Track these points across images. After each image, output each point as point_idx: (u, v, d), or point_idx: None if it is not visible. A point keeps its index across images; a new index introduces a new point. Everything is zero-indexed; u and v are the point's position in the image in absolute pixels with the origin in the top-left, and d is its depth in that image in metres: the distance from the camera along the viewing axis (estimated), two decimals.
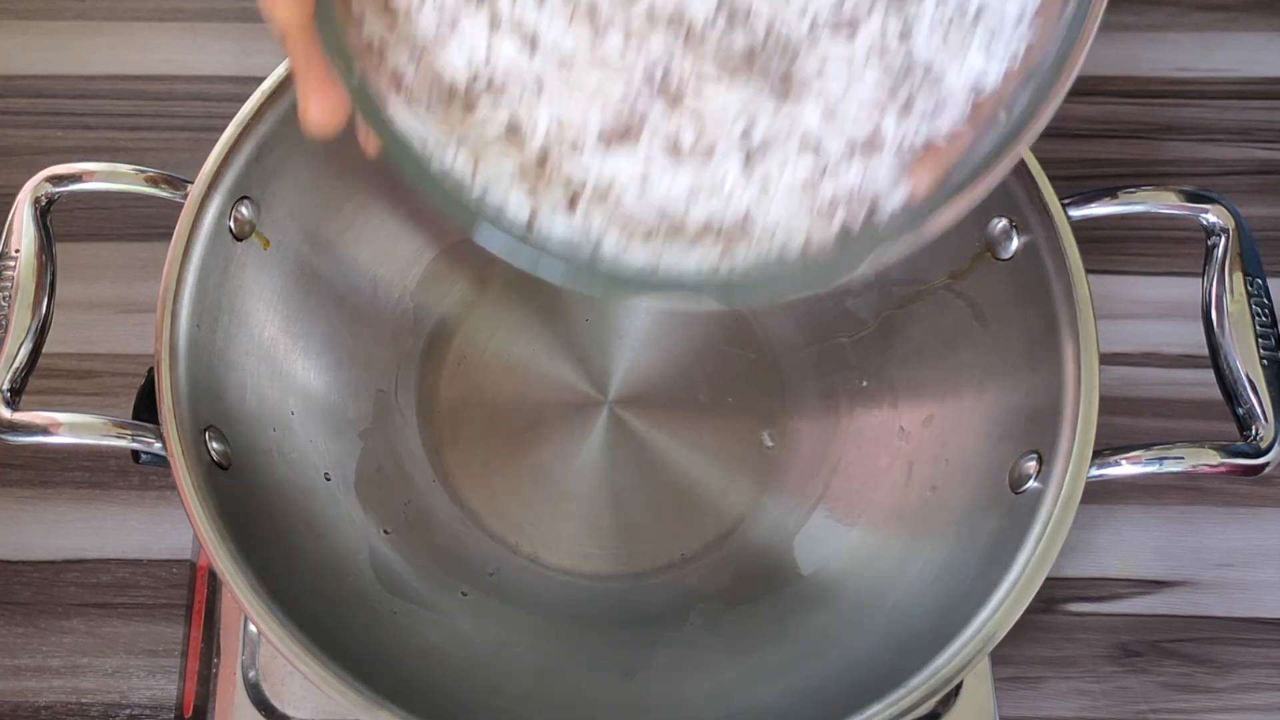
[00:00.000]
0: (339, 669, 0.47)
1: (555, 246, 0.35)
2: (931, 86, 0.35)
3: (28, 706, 0.60)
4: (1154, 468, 0.50)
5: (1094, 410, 0.50)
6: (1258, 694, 0.62)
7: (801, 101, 0.34)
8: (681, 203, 0.35)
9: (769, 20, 0.34)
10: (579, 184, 0.35)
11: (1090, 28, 0.36)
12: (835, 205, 0.35)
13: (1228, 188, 0.74)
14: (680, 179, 0.35)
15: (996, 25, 0.36)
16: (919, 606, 0.53)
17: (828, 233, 0.36)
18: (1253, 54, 0.78)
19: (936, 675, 0.48)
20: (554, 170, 0.35)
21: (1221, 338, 0.51)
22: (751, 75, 0.34)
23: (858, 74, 0.34)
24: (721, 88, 0.34)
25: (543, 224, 0.35)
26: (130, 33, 0.76)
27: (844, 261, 0.35)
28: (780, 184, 0.35)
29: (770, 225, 0.35)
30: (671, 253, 0.35)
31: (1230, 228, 0.53)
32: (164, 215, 0.53)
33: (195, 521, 0.48)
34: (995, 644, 0.48)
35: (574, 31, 0.33)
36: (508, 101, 0.35)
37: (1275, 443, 0.50)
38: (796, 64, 0.34)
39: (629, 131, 0.34)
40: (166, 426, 0.50)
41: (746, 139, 0.34)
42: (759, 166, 0.35)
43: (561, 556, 0.60)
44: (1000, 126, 0.36)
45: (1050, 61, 0.36)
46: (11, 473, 0.65)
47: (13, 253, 0.51)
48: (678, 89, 0.34)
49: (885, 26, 0.34)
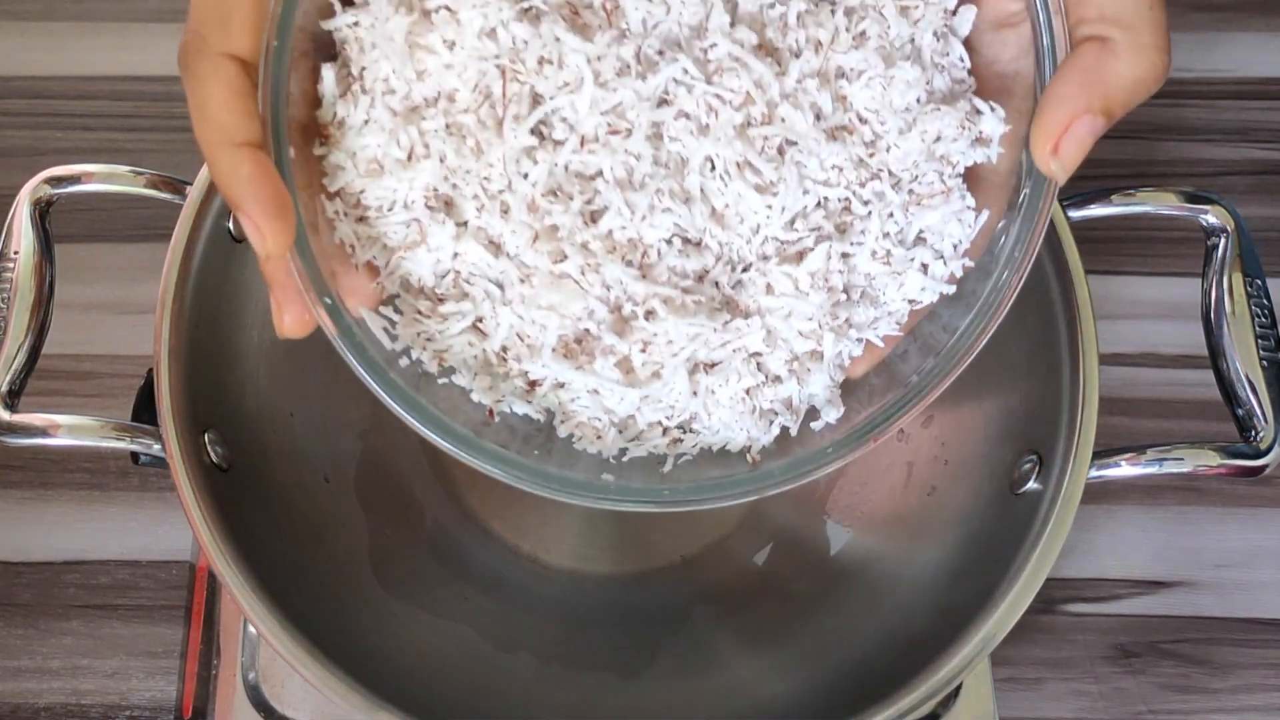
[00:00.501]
0: (339, 671, 0.47)
1: (516, 421, 0.40)
2: (870, 304, 0.39)
3: (27, 708, 0.60)
4: (1154, 469, 0.50)
5: (1094, 411, 0.50)
6: (1256, 694, 0.62)
7: (747, 323, 0.38)
8: (632, 410, 0.39)
9: (719, 249, 0.37)
10: (537, 379, 0.39)
11: (1022, 273, 0.38)
12: (774, 412, 0.40)
13: (1225, 188, 0.74)
14: (630, 395, 0.38)
15: (935, 251, 0.39)
16: (919, 608, 0.53)
17: (768, 435, 0.40)
18: (1250, 54, 0.78)
19: (936, 677, 0.48)
20: (513, 366, 0.38)
21: (1221, 339, 0.52)
22: (701, 303, 0.37)
23: (801, 298, 0.38)
24: (672, 317, 0.37)
25: (504, 408, 0.40)
26: (130, 33, 0.76)
27: (790, 474, 0.39)
28: (723, 395, 0.39)
29: (714, 426, 0.39)
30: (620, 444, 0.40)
31: (1230, 228, 0.53)
32: (163, 216, 0.53)
33: (194, 523, 0.48)
34: (995, 645, 0.48)
35: (537, 248, 0.36)
36: (472, 303, 0.38)
37: (1275, 444, 0.50)
38: (742, 288, 0.38)
39: (583, 348, 0.38)
40: (166, 428, 0.49)
41: (693, 361, 0.38)
42: (703, 382, 0.38)
43: (562, 557, 0.60)
44: (938, 345, 0.40)
45: (984, 295, 0.39)
46: (11, 474, 0.65)
47: (11, 254, 0.51)
48: (630, 313, 0.37)
49: (830, 252, 0.37)
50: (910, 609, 0.54)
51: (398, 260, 0.38)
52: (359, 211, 0.38)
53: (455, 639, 0.56)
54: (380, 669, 0.51)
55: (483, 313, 0.38)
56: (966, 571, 0.52)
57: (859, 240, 0.38)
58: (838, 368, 0.40)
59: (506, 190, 0.36)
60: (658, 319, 0.37)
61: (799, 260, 0.37)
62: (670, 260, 0.37)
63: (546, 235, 0.36)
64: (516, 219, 0.36)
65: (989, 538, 0.52)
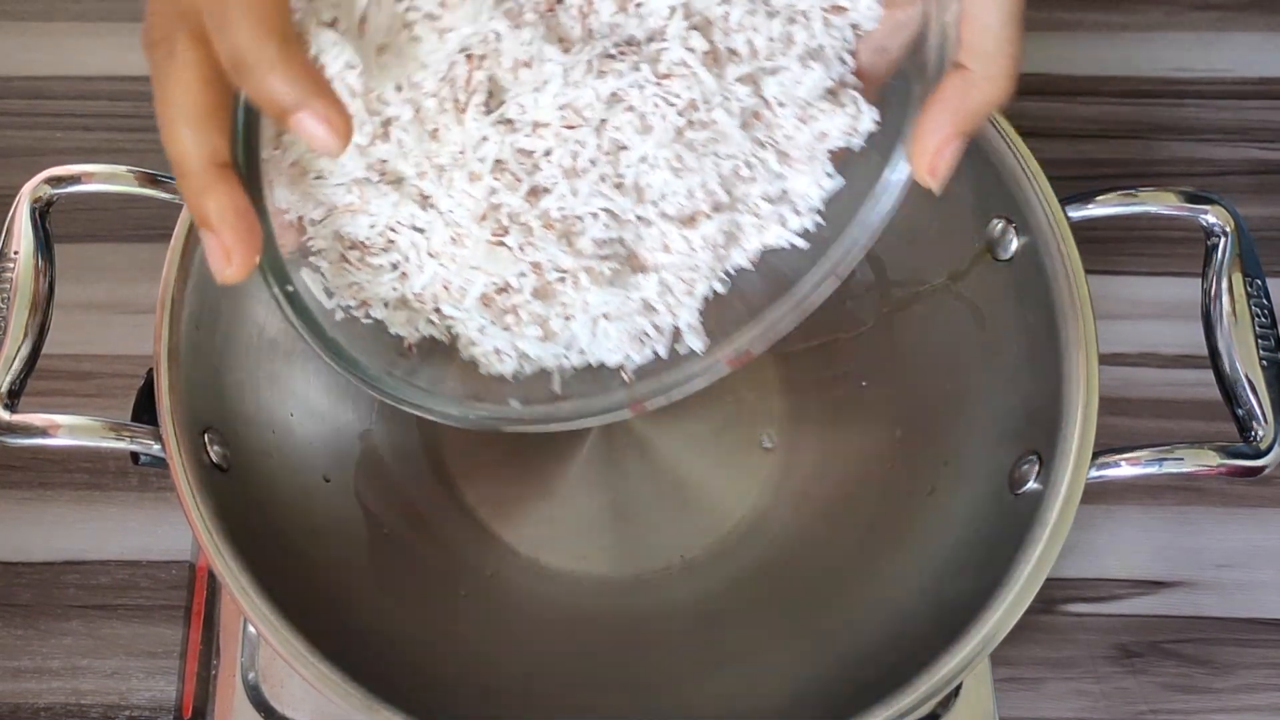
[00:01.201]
0: (338, 670, 0.47)
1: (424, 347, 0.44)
2: (739, 250, 0.44)
3: (27, 708, 0.60)
4: (1154, 469, 0.50)
5: (1094, 412, 0.50)
6: (1257, 694, 0.62)
7: (645, 278, 0.43)
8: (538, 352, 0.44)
9: (635, 220, 0.42)
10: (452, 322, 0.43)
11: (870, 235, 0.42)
12: (647, 335, 0.45)
13: (1225, 188, 0.74)
14: (544, 347, 0.43)
15: (793, 207, 0.44)
16: (918, 608, 0.53)
17: (641, 355, 0.45)
18: (1250, 54, 0.78)
19: (936, 677, 0.48)
20: (429, 306, 0.43)
21: (1221, 339, 0.52)
22: (618, 271, 0.42)
23: (692, 256, 0.43)
24: (594, 287, 0.41)
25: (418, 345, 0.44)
26: (130, 33, 0.75)
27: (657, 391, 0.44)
28: (613, 330, 0.44)
29: (597, 350, 0.44)
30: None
31: (1230, 229, 0.53)
32: (162, 216, 0.53)
33: (194, 523, 0.48)
34: (995, 645, 0.48)
35: (483, 224, 0.40)
36: (399, 253, 0.41)
37: (1275, 444, 0.50)
38: (640, 242, 0.43)
39: (500, 301, 0.42)
40: (165, 428, 0.49)
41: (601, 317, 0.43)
42: (603, 326, 0.43)
43: (561, 557, 0.60)
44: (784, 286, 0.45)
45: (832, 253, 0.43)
46: (11, 474, 0.65)
47: (11, 254, 0.51)
48: (554, 279, 0.42)
49: (723, 224, 0.43)
50: (910, 609, 0.53)
51: (335, 219, 0.40)
52: (299, 170, 0.40)
53: (454, 639, 0.55)
54: (379, 669, 0.51)
55: (408, 260, 0.41)
56: (966, 572, 0.52)
57: (743, 202, 0.43)
58: (704, 299, 0.45)
59: (452, 166, 0.39)
60: (581, 288, 0.41)
61: (693, 224, 0.42)
62: (594, 233, 0.41)
63: (491, 211, 0.40)
64: (459, 189, 0.39)
65: (989, 538, 0.52)
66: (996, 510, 0.53)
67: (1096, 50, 0.78)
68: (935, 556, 0.55)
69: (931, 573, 0.54)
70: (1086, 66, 0.77)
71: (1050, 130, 0.75)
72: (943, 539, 0.55)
